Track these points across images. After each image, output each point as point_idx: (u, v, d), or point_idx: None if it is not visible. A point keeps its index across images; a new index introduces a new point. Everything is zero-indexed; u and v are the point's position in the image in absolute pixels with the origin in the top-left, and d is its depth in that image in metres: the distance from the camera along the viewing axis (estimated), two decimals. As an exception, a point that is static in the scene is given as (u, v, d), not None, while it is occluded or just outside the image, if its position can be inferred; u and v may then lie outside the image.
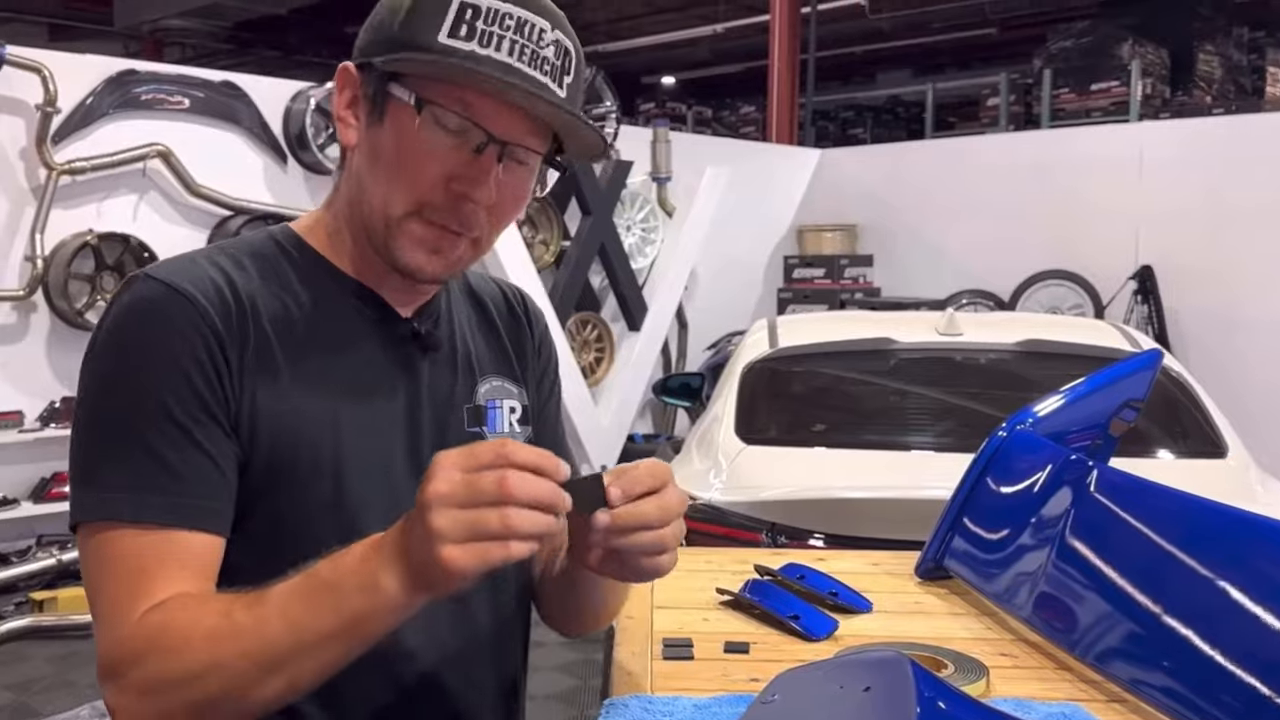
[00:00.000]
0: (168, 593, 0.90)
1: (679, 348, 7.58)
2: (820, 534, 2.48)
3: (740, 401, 3.09)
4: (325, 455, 1.00)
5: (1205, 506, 1.14)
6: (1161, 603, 1.11)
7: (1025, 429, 1.50)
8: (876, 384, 3.25)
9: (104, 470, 0.93)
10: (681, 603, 1.42)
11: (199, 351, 0.95)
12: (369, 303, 1.07)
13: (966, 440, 2.92)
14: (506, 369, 1.18)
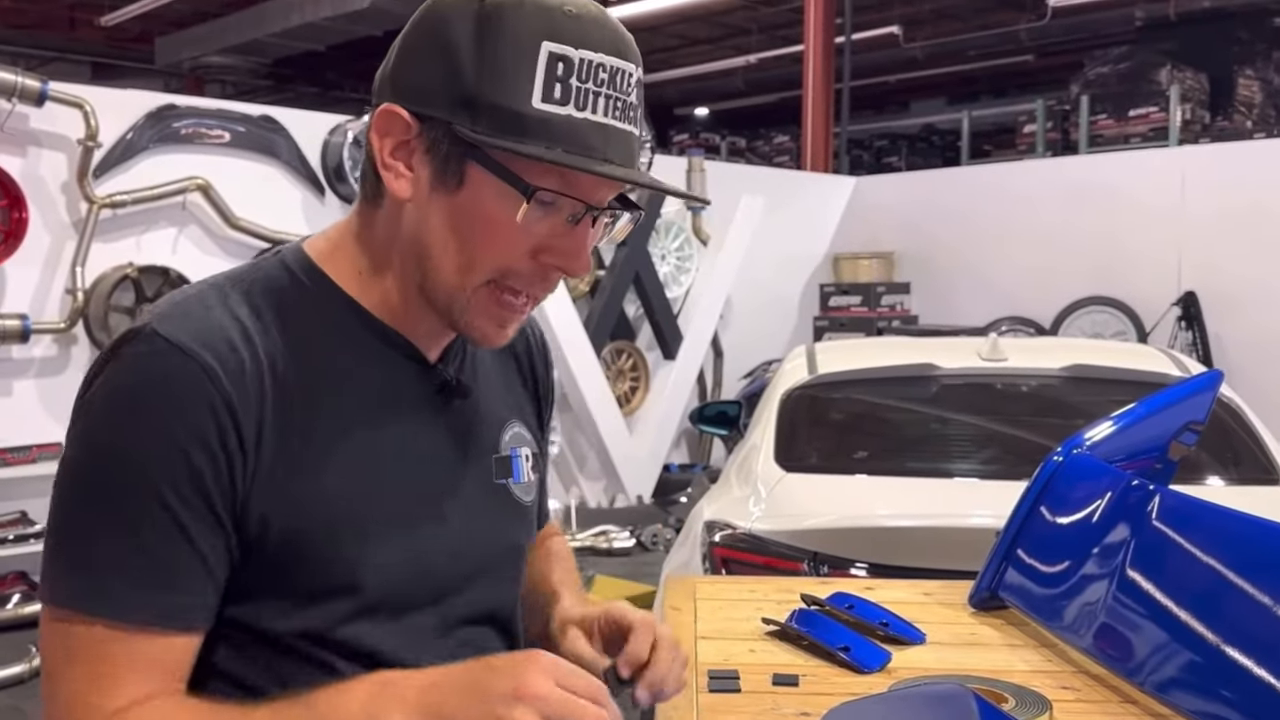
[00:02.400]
0: (137, 693, 0.84)
1: (714, 376, 7.54)
2: (863, 563, 2.42)
3: (780, 429, 3.04)
4: (345, 530, 0.92)
5: (1275, 529, 1.09)
6: (1231, 631, 1.05)
7: (1082, 453, 1.45)
8: (919, 410, 3.19)
9: (84, 553, 0.84)
10: (726, 633, 1.37)
11: (206, 431, 0.85)
12: (397, 348, 0.98)
13: (1013, 468, 2.86)
14: (524, 413, 1.12)
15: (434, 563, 0.98)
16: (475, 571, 1.02)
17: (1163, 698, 1.10)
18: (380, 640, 0.93)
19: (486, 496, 1.04)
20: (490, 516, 1.04)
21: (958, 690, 0.91)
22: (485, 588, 1.03)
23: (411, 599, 0.96)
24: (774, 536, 2.58)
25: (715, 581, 1.64)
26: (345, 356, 0.95)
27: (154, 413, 0.85)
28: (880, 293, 7.97)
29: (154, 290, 4.97)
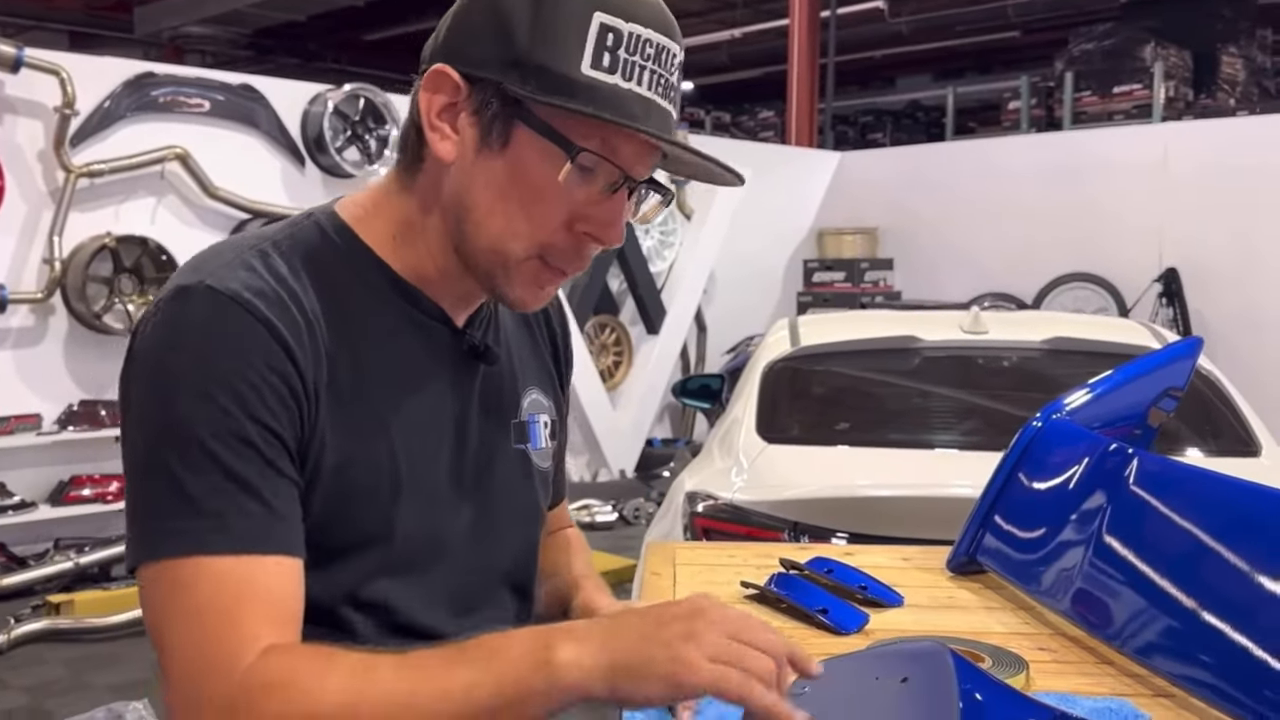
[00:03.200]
0: (263, 636, 0.82)
1: (698, 351, 7.54)
2: (843, 533, 2.43)
3: (761, 401, 3.04)
4: (382, 492, 0.94)
5: (1257, 491, 1.09)
6: (1208, 593, 1.06)
7: (1061, 418, 1.45)
8: (900, 382, 3.19)
9: (184, 498, 0.83)
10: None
11: (276, 372, 0.86)
12: (427, 312, 0.99)
13: (992, 439, 2.86)
14: (544, 380, 1.14)
15: (457, 521, 1.00)
16: (495, 532, 1.03)
17: (1140, 659, 1.10)
18: (401, 598, 0.94)
19: (507, 460, 1.06)
20: (510, 479, 1.05)
21: (935, 647, 0.91)
22: (505, 549, 1.05)
23: (434, 556, 0.98)
24: (755, 507, 2.58)
25: (695, 547, 1.64)
26: (380, 319, 0.96)
27: (225, 353, 0.85)
28: (864, 268, 7.98)
29: (132, 260, 4.93)
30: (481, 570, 1.02)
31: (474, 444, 1.02)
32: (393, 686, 0.78)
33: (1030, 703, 0.86)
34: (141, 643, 4.27)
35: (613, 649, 0.79)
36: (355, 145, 5.67)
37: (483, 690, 0.78)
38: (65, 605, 4.27)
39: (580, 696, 0.79)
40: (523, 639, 0.81)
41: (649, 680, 0.78)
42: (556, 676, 0.78)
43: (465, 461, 1.01)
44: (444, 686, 0.78)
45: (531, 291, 0.96)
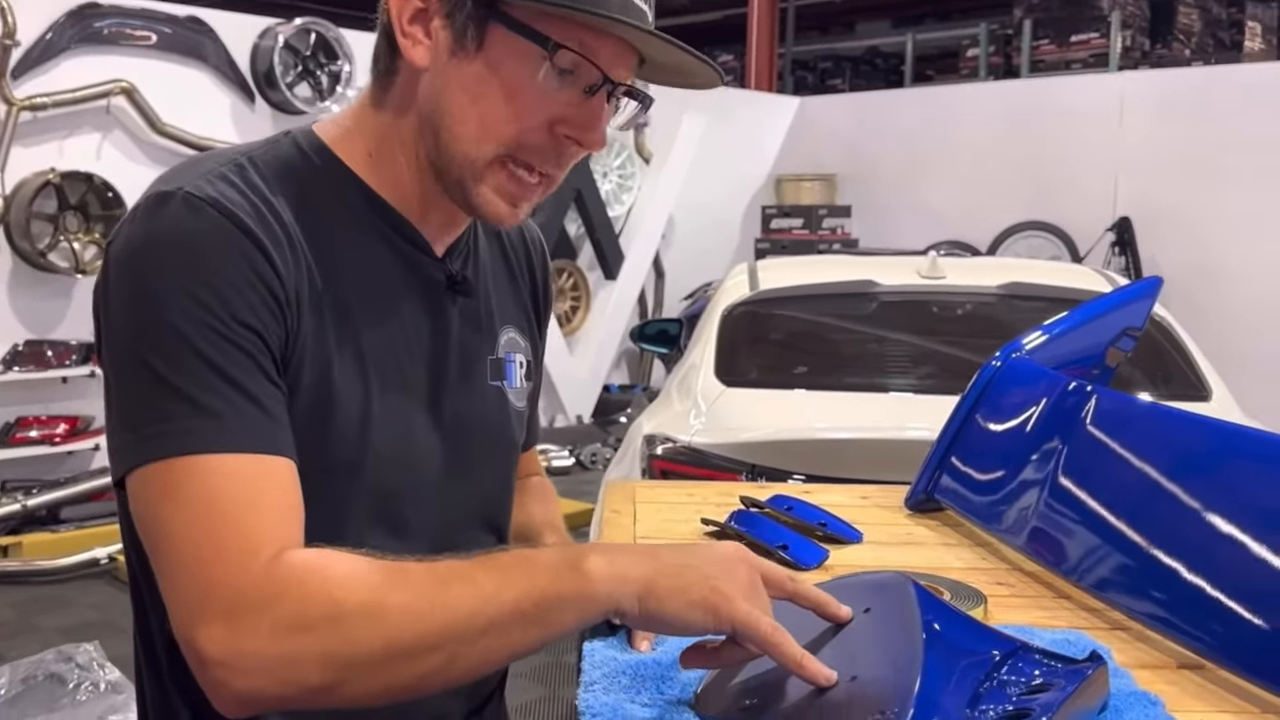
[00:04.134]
0: (282, 527, 0.79)
1: (656, 297, 7.52)
2: (800, 475, 2.45)
3: (720, 344, 3.04)
4: (354, 413, 0.91)
5: (1214, 426, 1.10)
6: (1167, 528, 1.07)
7: (1021, 357, 1.46)
8: (858, 326, 3.21)
9: (180, 398, 0.79)
10: (665, 534, 1.37)
11: (257, 280, 0.84)
12: (406, 236, 0.97)
13: (948, 382, 2.89)
14: (521, 319, 1.12)
15: (432, 452, 0.98)
16: (471, 465, 1.02)
17: (1096, 593, 1.11)
18: (376, 536, 0.92)
19: (484, 395, 1.04)
20: (487, 414, 1.04)
21: (897, 578, 0.91)
22: (481, 484, 1.04)
23: (409, 488, 0.96)
24: (713, 449, 2.59)
25: (654, 486, 1.63)
26: (358, 240, 0.94)
27: (207, 257, 0.82)
28: (822, 215, 7.98)
29: (77, 197, 4.81)
30: (457, 505, 1.00)
31: (451, 376, 1.00)
32: (420, 586, 0.77)
33: (991, 633, 0.86)
34: (91, 585, 4.22)
35: (650, 567, 0.79)
36: (306, 81, 5.55)
37: (513, 591, 0.77)
38: (13, 548, 4.21)
39: (610, 609, 0.78)
40: (550, 551, 0.81)
41: (682, 605, 0.78)
42: (588, 585, 0.77)
43: (442, 393, 0.99)
44: (474, 588, 0.77)
45: (504, 202, 0.93)
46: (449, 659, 0.76)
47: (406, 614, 0.75)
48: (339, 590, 0.76)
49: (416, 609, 0.76)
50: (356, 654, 0.75)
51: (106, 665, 3.21)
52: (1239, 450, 1.06)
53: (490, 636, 0.77)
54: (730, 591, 0.78)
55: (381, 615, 0.75)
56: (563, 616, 0.78)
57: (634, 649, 0.96)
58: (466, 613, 0.76)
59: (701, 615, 0.78)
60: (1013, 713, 0.73)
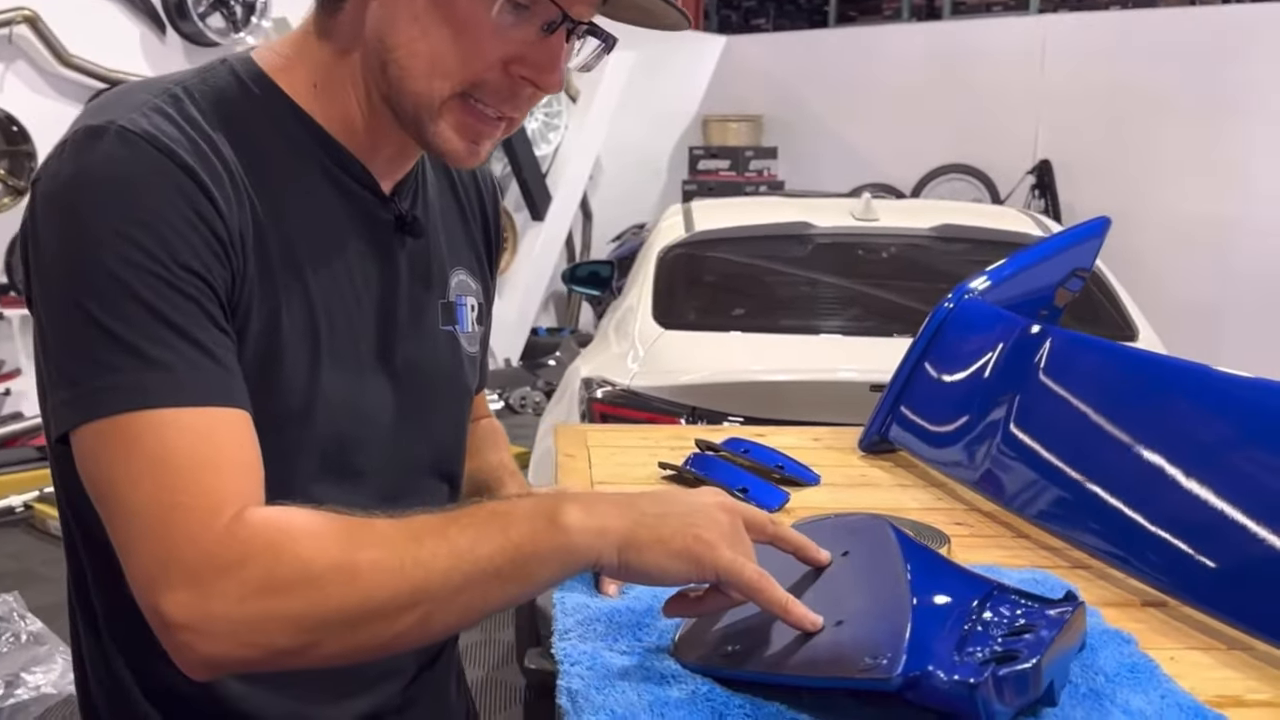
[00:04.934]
0: (244, 483, 0.75)
1: (583, 240, 7.46)
2: (738, 417, 2.45)
3: (657, 287, 3.02)
4: (303, 361, 0.87)
5: (1175, 364, 1.11)
6: (1127, 465, 1.08)
7: (973, 298, 1.46)
8: (795, 268, 3.21)
9: (121, 351, 0.74)
10: (622, 478, 1.35)
11: (199, 221, 0.78)
12: (353, 174, 0.91)
13: (884, 324, 2.92)
14: (471, 261, 1.07)
15: (383, 400, 0.94)
16: (423, 413, 0.98)
17: (1057, 531, 1.12)
18: (329, 492, 0.88)
19: (435, 340, 0.99)
20: (439, 360, 1.00)
21: (874, 520, 0.90)
22: (434, 432, 1.00)
23: (361, 438, 0.92)
24: (653, 392, 2.58)
25: (606, 429, 1.61)
26: (303, 176, 0.89)
27: (146, 196, 0.77)
28: (749, 157, 7.95)
29: (-21, 133, 4.58)
30: (409, 453, 0.97)
31: (401, 320, 0.95)
32: (392, 543, 0.73)
33: (969, 575, 0.86)
34: (7, 534, 4.09)
35: (629, 518, 0.77)
36: (219, 11, 5.33)
37: (488, 547, 0.74)
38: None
39: (589, 562, 0.76)
40: (525, 503, 0.78)
41: (663, 555, 0.76)
42: (566, 539, 0.75)
43: (392, 338, 0.94)
44: (448, 544, 0.74)
45: (464, 141, 0.87)
46: (424, 617, 0.74)
47: (379, 572, 0.72)
48: (308, 550, 0.73)
49: (389, 567, 0.73)
50: (328, 615, 0.72)
51: (28, 616, 3.13)
52: (1198, 388, 1.08)
53: (466, 594, 0.74)
54: (712, 539, 0.77)
55: (353, 574, 0.72)
56: (541, 571, 0.76)
57: (602, 594, 0.94)
58: (441, 570, 0.73)
59: (684, 565, 0.76)
60: (1001, 654, 0.73)
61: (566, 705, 0.77)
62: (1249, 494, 0.97)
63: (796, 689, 0.75)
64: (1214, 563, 0.96)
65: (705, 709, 0.75)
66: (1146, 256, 6.40)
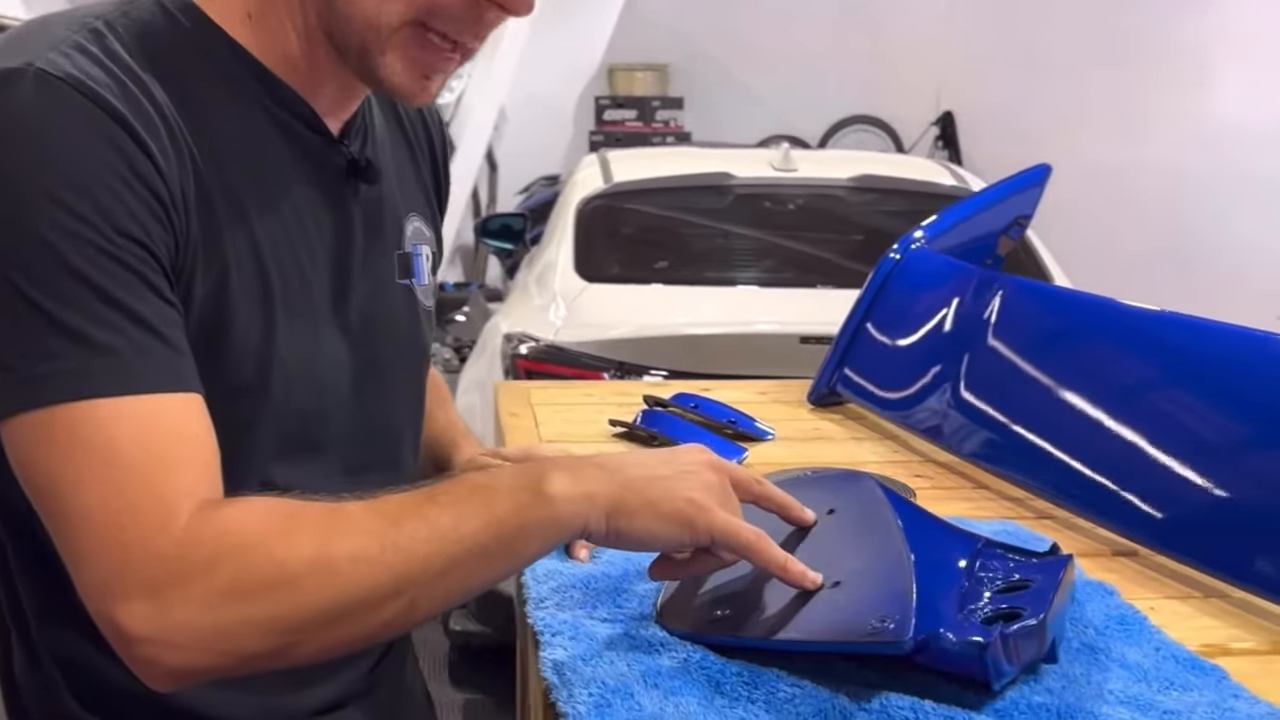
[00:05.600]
0: (200, 477, 0.69)
1: (489, 192, 7.33)
2: (662, 371, 2.43)
3: (578, 239, 2.97)
4: (255, 327, 0.79)
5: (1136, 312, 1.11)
6: (1088, 411, 1.08)
7: (920, 247, 1.44)
8: (717, 219, 3.19)
9: (58, 334, 0.67)
10: (571, 436, 1.31)
11: (135, 178, 0.70)
12: (297, 113, 0.83)
13: (809, 275, 2.92)
14: (424, 206, 0.99)
15: (342, 364, 0.87)
16: (384, 377, 0.91)
17: (1024, 483, 1.12)
18: (284, 467, 0.82)
19: (393, 296, 0.92)
20: (398, 318, 0.93)
21: (857, 475, 0.88)
22: (396, 396, 0.94)
23: (319, 407, 0.85)
24: (578, 347, 2.55)
25: (549, 387, 1.57)
26: (245, 120, 0.80)
27: (74, 152, 0.69)
28: (655, 107, 7.88)
29: None
30: (370, 421, 0.90)
31: (357, 276, 0.88)
32: (368, 529, 0.68)
33: (955, 530, 0.84)
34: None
35: (616, 482, 0.72)
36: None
37: (472, 525, 0.69)
38: None
39: (577, 531, 0.72)
40: (506, 474, 0.73)
41: (654, 520, 0.72)
42: (553, 509, 0.70)
43: (349, 297, 0.87)
44: (428, 525, 0.68)
45: (414, 76, 0.80)
46: (409, 604, 0.69)
47: (358, 563, 0.67)
48: (279, 547, 0.67)
49: (369, 556, 0.67)
50: (306, 614, 0.67)
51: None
52: (1160, 334, 1.08)
53: (452, 575, 0.69)
54: (705, 501, 0.73)
55: (330, 569, 0.67)
56: (528, 546, 0.72)
57: (572, 559, 0.90)
58: (424, 554, 0.68)
59: (677, 528, 0.73)
60: (1004, 611, 0.71)
61: (553, 679, 0.73)
62: (1214, 440, 0.98)
63: (793, 654, 0.73)
64: (1182, 509, 0.97)
65: (700, 677, 0.72)
66: (1050, 204, 6.54)
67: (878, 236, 3.25)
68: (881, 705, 0.67)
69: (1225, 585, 0.90)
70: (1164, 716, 0.68)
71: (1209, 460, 0.96)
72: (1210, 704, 0.69)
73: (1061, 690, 0.70)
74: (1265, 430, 0.93)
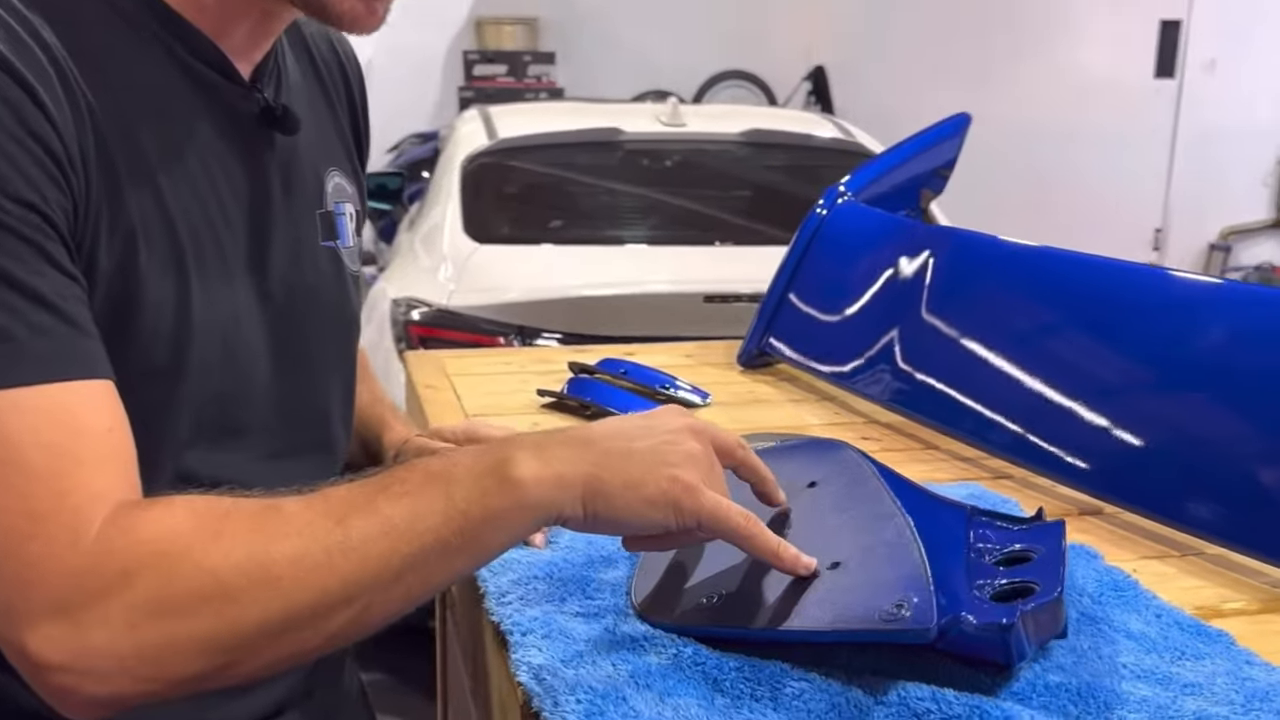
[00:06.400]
0: (112, 475, 0.60)
1: (357, 151, 7.07)
2: (556, 334, 2.36)
3: (465, 199, 2.86)
4: (168, 300, 0.70)
5: (1072, 258, 1.08)
6: (1047, 366, 1.05)
7: (848, 200, 1.40)
8: (608, 176, 3.11)
9: None
10: (499, 409, 1.23)
11: (28, 137, 0.61)
12: (203, 55, 0.74)
13: (708, 232, 2.87)
14: (344, 159, 0.90)
15: (262, 340, 0.78)
16: (312, 351, 0.83)
17: (977, 442, 1.09)
18: (207, 459, 0.74)
19: (316, 260, 0.83)
20: (323, 284, 0.84)
21: (833, 444, 0.83)
22: (325, 371, 0.85)
23: (240, 387, 0.76)
24: (474, 312, 2.45)
25: (463, 355, 1.47)
26: (147, 65, 0.71)
27: None
28: (527, 62, 7.71)
29: None
30: (297, 400, 0.82)
31: (276, 239, 0.79)
32: (311, 530, 0.59)
33: (943, 499, 0.80)
34: None
35: (591, 462, 0.65)
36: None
37: (431, 519, 0.61)
38: None
39: (549, 517, 0.64)
40: (465, 458, 0.64)
41: (637, 503, 0.65)
42: (521, 495, 0.63)
43: (268, 263, 0.78)
44: (380, 522, 0.60)
45: (361, 2, 0.71)
46: (362, 611, 0.61)
47: (302, 570, 0.58)
48: (209, 554, 0.58)
49: (314, 561, 0.59)
50: (243, 630, 0.58)
51: None
52: (1111, 285, 1.05)
53: (409, 576, 0.61)
54: (691, 480, 0.66)
55: (270, 579, 0.58)
56: (495, 538, 0.64)
57: (528, 544, 0.83)
58: (377, 555, 0.60)
59: (661, 512, 0.66)
60: (1017, 586, 0.67)
61: (532, 686, 0.66)
62: (1172, 390, 0.96)
63: (791, 644, 0.67)
64: (1144, 463, 0.95)
65: (696, 675, 0.66)
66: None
67: (771, 191, 3.23)
68: (900, 697, 0.62)
69: (1198, 541, 0.88)
70: (1185, 689, 0.65)
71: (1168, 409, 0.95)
72: (1227, 674, 0.66)
73: (1074, 667, 0.67)
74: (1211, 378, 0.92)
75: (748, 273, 2.50)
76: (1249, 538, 0.84)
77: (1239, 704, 0.63)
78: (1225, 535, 0.86)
